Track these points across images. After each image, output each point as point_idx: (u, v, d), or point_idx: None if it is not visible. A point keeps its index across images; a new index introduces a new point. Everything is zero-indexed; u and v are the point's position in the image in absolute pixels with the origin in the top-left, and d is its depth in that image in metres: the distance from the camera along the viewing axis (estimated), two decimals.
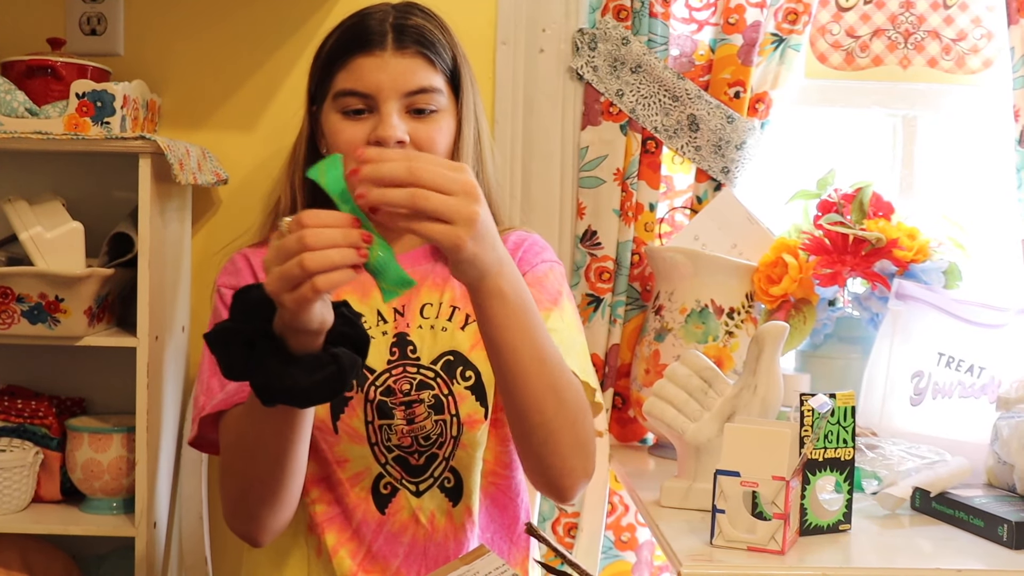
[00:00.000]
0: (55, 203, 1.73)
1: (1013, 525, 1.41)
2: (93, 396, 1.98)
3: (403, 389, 1.44)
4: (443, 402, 1.44)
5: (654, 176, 1.97)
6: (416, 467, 1.45)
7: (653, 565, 2.06)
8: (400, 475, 1.45)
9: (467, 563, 1.25)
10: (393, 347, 1.46)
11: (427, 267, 1.50)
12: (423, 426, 1.43)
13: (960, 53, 2.08)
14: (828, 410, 1.43)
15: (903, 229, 1.85)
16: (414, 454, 1.44)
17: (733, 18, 1.94)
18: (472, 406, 1.44)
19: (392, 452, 1.44)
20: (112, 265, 1.75)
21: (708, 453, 1.54)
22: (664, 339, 1.87)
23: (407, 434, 1.43)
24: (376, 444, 1.44)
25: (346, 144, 1.41)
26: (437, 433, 1.44)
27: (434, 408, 1.44)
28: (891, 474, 1.59)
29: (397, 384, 1.44)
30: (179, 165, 1.68)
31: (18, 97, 1.70)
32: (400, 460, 1.44)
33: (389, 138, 1.38)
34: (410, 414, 1.43)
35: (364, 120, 1.42)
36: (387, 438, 1.44)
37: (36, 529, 1.75)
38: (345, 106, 1.42)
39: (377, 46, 1.41)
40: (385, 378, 1.44)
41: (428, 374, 1.44)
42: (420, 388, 1.44)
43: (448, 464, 1.45)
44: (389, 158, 1.05)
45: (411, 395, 1.43)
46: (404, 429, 1.43)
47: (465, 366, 1.45)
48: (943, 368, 1.77)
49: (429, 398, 1.44)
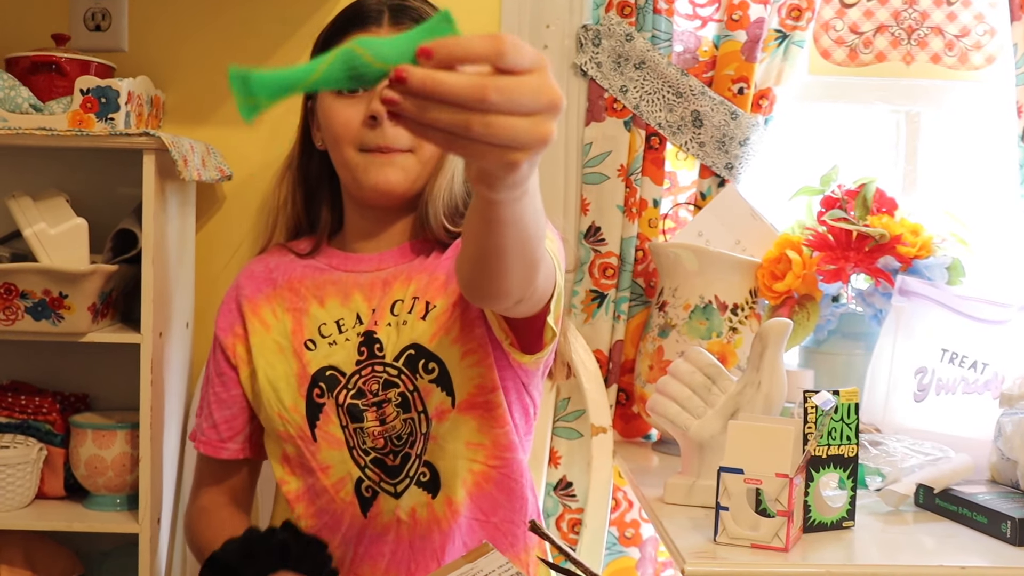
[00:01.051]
0: (59, 199, 1.73)
1: (1016, 522, 1.41)
2: (97, 392, 1.98)
3: (372, 389, 1.43)
4: (409, 399, 1.42)
5: (658, 172, 1.97)
6: (393, 468, 1.43)
7: (657, 561, 2.06)
8: (379, 477, 1.44)
9: (471, 561, 1.25)
10: (361, 347, 1.45)
11: (407, 265, 1.49)
12: (393, 426, 1.42)
13: (963, 49, 2.08)
14: (831, 407, 1.43)
15: (906, 225, 1.85)
16: (389, 455, 1.43)
17: (737, 14, 1.94)
18: (439, 398, 1.41)
19: (369, 455, 1.43)
20: (116, 261, 1.75)
21: (712, 450, 1.54)
22: (668, 335, 1.87)
23: (380, 435, 1.43)
24: (354, 448, 1.44)
25: (341, 126, 1.43)
26: (408, 432, 1.42)
27: (401, 407, 1.42)
28: (894, 471, 1.59)
29: (367, 385, 1.43)
30: (183, 161, 1.68)
31: (22, 93, 1.70)
32: (377, 462, 1.44)
33: (381, 111, 1.37)
34: (381, 415, 1.42)
35: (359, 98, 1.42)
36: (362, 441, 1.43)
37: (40, 526, 1.75)
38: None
39: (373, 23, 1.42)
40: (356, 380, 1.44)
41: (392, 371, 1.43)
42: (387, 387, 1.42)
43: (421, 460, 1.43)
44: (459, 57, 0.77)
45: (379, 395, 1.42)
46: (377, 431, 1.42)
47: (427, 358, 1.41)
48: (946, 364, 1.77)
49: (396, 396, 1.42)
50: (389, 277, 1.47)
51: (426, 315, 1.43)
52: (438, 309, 1.42)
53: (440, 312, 1.42)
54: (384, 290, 1.46)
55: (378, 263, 1.49)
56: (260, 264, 1.57)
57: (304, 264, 1.54)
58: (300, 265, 1.54)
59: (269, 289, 1.53)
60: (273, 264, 1.56)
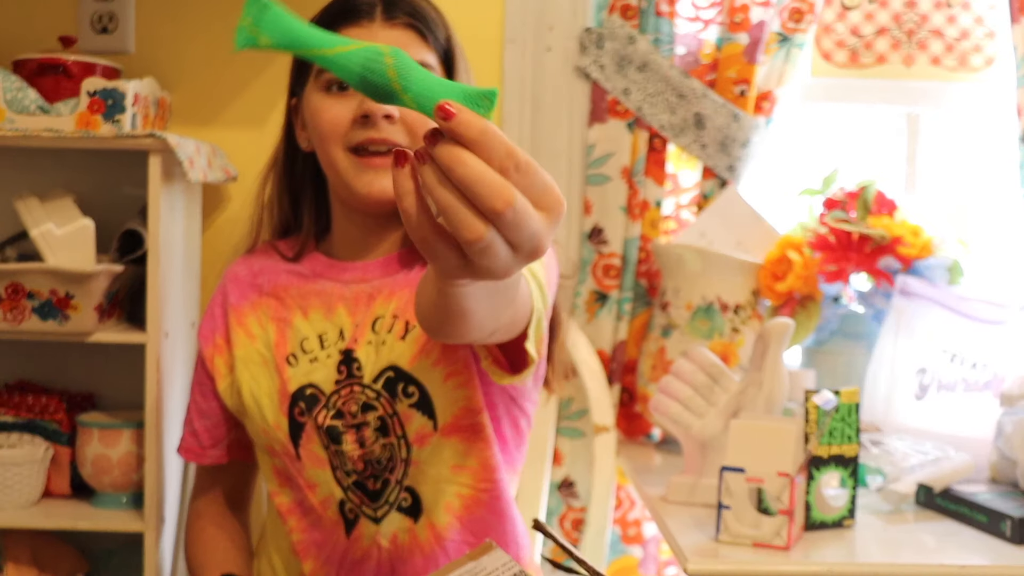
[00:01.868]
0: (66, 200, 1.74)
1: (1016, 521, 1.42)
2: (103, 392, 1.99)
3: (351, 411, 1.36)
4: (388, 423, 1.35)
5: (660, 173, 1.98)
6: (374, 492, 1.37)
7: (659, 560, 2.07)
8: (360, 500, 1.38)
9: (474, 559, 1.26)
10: (340, 365, 1.37)
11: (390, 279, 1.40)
12: (372, 450, 1.36)
13: (963, 51, 2.09)
14: (833, 406, 1.44)
15: (907, 226, 1.86)
16: (370, 479, 1.37)
17: (739, 17, 1.95)
18: (420, 422, 1.34)
19: (351, 476, 1.37)
20: (122, 262, 1.76)
21: (714, 449, 1.55)
22: (670, 335, 1.88)
23: (359, 459, 1.36)
24: (337, 468, 1.37)
25: (329, 124, 1.34)
26: (387, 457, 1.35)
27: (380, 431, 1.35)
28: (895, 470, 1.60)
29: (346, 406, 1.36)
30: (189, 162, 1.69)
31: (30, 95, 1.71)
32: (359, 485, 1.37)
33: (377, 110, 1.31)
34: (360, 437, 1.36)
35: (349, 96, 1.34)
36: (343, 463, 1.37)
37: (46, 524, 1.76)
38: (329, 82, 1.34)
39: (365, 16, 1.33)
40: (335, 400, 1.37)
41: (371, 394, 1.35)
42: (365, 410, 1.35)
43: (402, 486, 1.37)
44: (482, 145, 0.68)
45: (358, 417, 1.35)
46: (356, 454, 1.36)
47: (407, 381, 1.33)
48: (947, 364, 1.78)
49: (374, 420, 1.35)
50: (373, 291, 1.40)
51: (405, 335, 1.35)
52: (418, 329, 1.34)
53: (420, 332, 1.33)
54: (367, 305, 1.39)
55: (363, 273, 1.41)
56: (245, 266, 1.51)
57: (288, 269, 1.47)
58: (285, 270, 1.47)
59: (255, 296, 1.47)
60: (258, 268, 1.49)
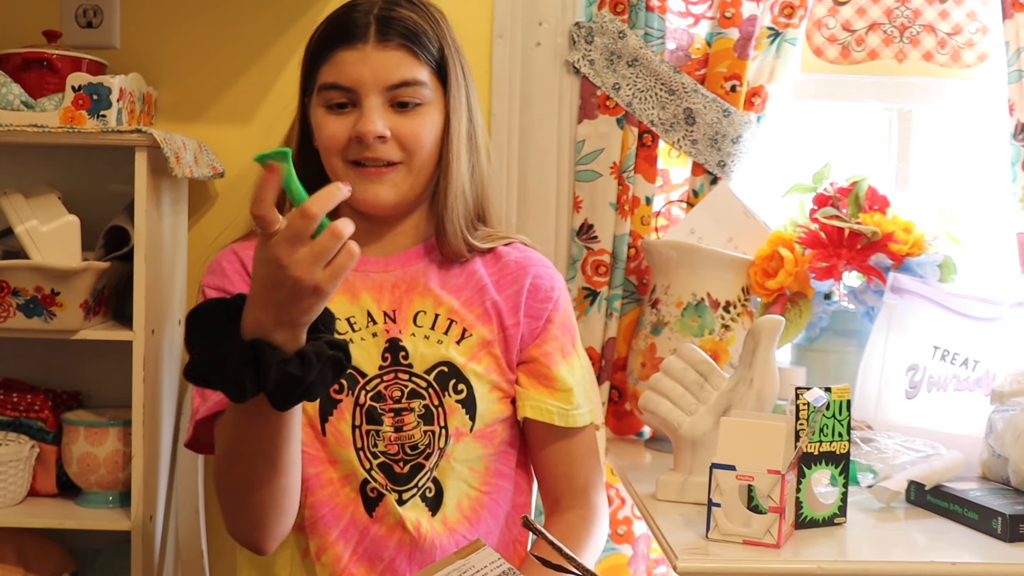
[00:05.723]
0: (51, 196, 1.73)
1: (1007, 518, 1.42)
2: (89, 390, 1.97)
3: (394, 396, 1.43)
4: (433, 413, 1.44)
5: (650, 170, 1.97)
6: (400, 475, 1.43)
7: (649, 558, 2.06)
8: (384, 482, 1.43)
9: (463, 557, 1.25)
10: (385, 352, 1.45)
11: (420, 267, 1.49)
12: (411, 435, 1.43)
13: (955, 47, 2.08)
14: (823, 404, 1.44)
15: (898, 223, 1.86)
16: (399, 462, 1.43)
17: (729, 12, 1.94)
18: (461, 419, 1.44)
19: (377, 458, 1.43)
20: (108, 259, 1.75)
21: (704, 447, 1.54)
22: (660, 333, 1.87)
23: (394, 441, 1.43)
24: (362, 449, 1.43)
25: (328, 139, 1.43)
26: (426, 444, 1.43)
27: (423, 418, 1.43)
28: (886, 467, 1.59)
29: (388, 390, 1.43)
30: (175, 158, 1.68)
31: (13, 90, 1.69)
32: (384, 467, 1.43)
33: (369, 133, 1.39)
34: (399, 421, 1.43)
35: (347, 114, 1.42)
36: (373, 444, 1.43)
37: (32, 523, 1.75)
38: (328, 100, 1.42)
39: (359, 39, 1.41)
40: (376, 383, 1.44)
41: (420, 383, 1.44)
42: (411, 397, 1.44)
43: (432, 475, 1.44)
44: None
45: (401, 402, 1.43)
46: (392, 436, 1.42)
47: (458, 379, 1.45)
48: (938, 361, 1.78)
49: (419, 407, 1.43)
50: (398, 280, 1.48)
51: (462, 340, 1.46)
52: (474, 339, 1.46)
53: (476, 343, 1.46)
54: (393, 293, 1.47)
55: (384, 266, 1.49)
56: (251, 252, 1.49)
57: None
58: None
59: None
60: None
